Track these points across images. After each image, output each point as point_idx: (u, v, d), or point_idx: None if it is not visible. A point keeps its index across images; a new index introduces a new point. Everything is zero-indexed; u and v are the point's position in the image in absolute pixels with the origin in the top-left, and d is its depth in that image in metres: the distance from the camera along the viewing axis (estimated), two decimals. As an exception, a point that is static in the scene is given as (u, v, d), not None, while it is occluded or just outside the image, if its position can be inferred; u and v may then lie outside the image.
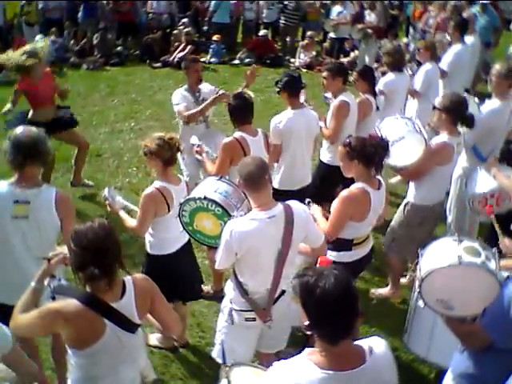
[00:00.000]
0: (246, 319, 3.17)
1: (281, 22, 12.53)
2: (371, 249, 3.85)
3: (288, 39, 12.69)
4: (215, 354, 3.34)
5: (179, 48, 11.61)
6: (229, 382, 2.53)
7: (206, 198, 3.34)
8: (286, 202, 3.10)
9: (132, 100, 9.66)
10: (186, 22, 12.44)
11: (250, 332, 3.25)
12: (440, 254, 2.64)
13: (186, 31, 11.75)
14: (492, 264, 2.54)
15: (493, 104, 4.84)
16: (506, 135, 4.99)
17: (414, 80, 6.34)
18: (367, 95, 5.42)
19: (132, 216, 3.85)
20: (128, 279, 2.50)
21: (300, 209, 3.12)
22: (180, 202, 3.48)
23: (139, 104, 9.46)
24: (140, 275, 2.64)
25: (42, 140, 3.22)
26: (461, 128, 4.26)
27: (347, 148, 3.52)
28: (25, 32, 11.81)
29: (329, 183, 4.99)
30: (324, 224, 3.54)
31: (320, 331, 1.97)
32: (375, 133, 4.06)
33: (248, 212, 3.13)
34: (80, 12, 12.00)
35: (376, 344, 2.06)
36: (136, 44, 12.41)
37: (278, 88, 4.70)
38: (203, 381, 3.90)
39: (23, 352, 2.64)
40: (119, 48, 12.15)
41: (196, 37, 12.39)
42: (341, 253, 3.63)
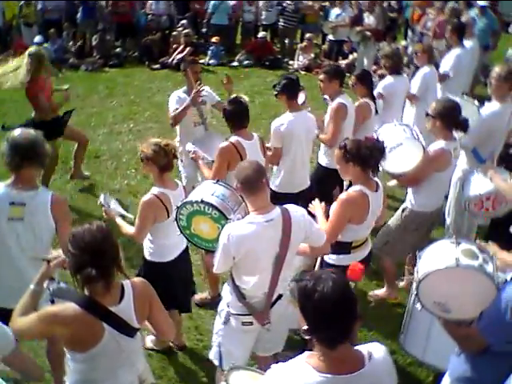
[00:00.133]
0: (243, 323, 3.17)
1: (280, 24, 12.53)
2: (369, 252, 3.86)
3: (287, 41, 12.70)
4: (212, 356, 3.34)
5: (178, 49, 11.60)
6: (227, 386, 2.53)
7: (203, 202, 3.33)
8: (284, 206, 3.10)
9: (131, 101, 9.65)
10: (185, 24, 12.42)
11: (247, 335, 3.24)
12: (438, 257, 2.65)
13: (185, 33, 11.74)
14: (489, 267, 2.55)
15: (493, 106, 4.85)
16: (506, 138, 5.00)
17: (411, 84, 6.33)
18: (366, 99, 5.41)
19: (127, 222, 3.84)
20: (127, 283, 2.49)
21: (298, 212, 3.11)
22: (177, 206, 3.48)
23: (138, 105, 9.44)
24: (139, 279, 2.64)
25: (40, 142, 3.21)
26: (456, 133, 4.27)
27: (343, 150, 3.53)
28: (23, 33, 11.83)
29: (327, 186, 5.00)
30: (324, 225, 3.54)
31: (318, 335, 1.97)
32: (371, 135, 4.06)
33: (245, 215, 3.13)
34: (79, 13, 11.98)
35: (375, 349, 2.06)
36: (135, 45, 12.39)
37: (276, 91, 4.71)
38: (201, 384, 3.89)
39: (27, 355, 2.63)
40: (118, 49, 12.14)
41: (195, 38, 12.38)
42: (340, 256, 3.64)
